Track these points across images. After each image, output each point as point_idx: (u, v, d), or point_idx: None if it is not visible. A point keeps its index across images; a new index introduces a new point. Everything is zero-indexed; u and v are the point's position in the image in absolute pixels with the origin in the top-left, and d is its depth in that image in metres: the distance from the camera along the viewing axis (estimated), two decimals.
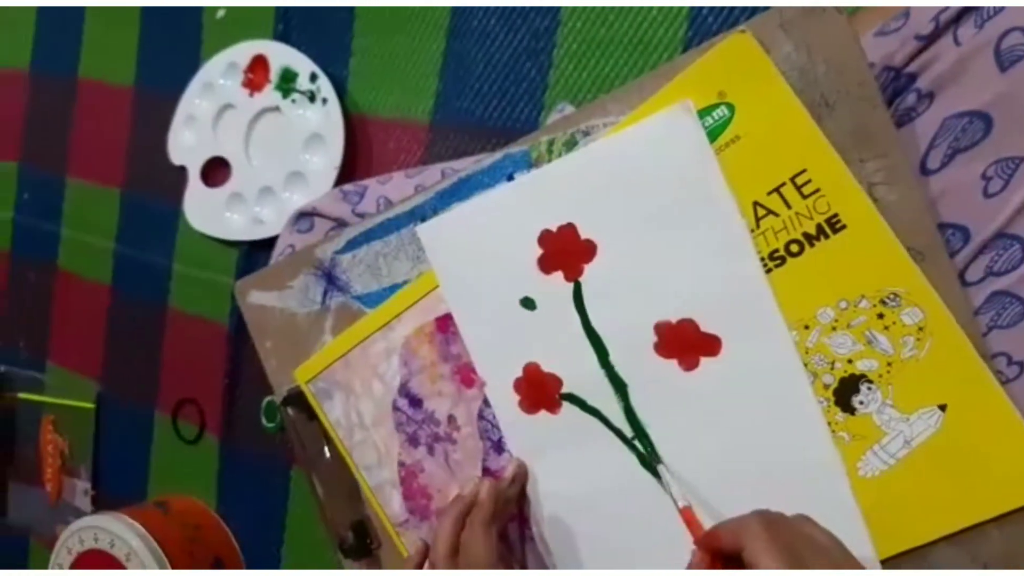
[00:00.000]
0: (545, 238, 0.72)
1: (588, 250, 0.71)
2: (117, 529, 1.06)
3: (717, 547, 0.52)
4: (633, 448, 0.71)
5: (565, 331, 0.72)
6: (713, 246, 0.66)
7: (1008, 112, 0.59)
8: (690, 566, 0.54)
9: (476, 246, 0.76)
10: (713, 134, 0.65)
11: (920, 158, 0.62)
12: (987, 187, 0.60)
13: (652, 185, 0.68)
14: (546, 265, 0.73)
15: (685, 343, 0.68)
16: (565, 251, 0.72)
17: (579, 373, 0.72)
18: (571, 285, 0.72)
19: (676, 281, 0.68)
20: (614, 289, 0.70)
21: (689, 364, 0.68)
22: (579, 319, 0.72)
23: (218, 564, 1.11)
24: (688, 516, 0.61)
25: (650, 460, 0.70)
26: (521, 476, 0.76)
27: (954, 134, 0.61)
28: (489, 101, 0.90)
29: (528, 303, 0.74)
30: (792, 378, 0.64)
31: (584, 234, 0.71)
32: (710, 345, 0.67)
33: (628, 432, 0.71)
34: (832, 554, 0.50)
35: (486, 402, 0.78)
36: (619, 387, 0.71)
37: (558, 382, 0.74)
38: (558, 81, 0.86)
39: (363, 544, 0.87)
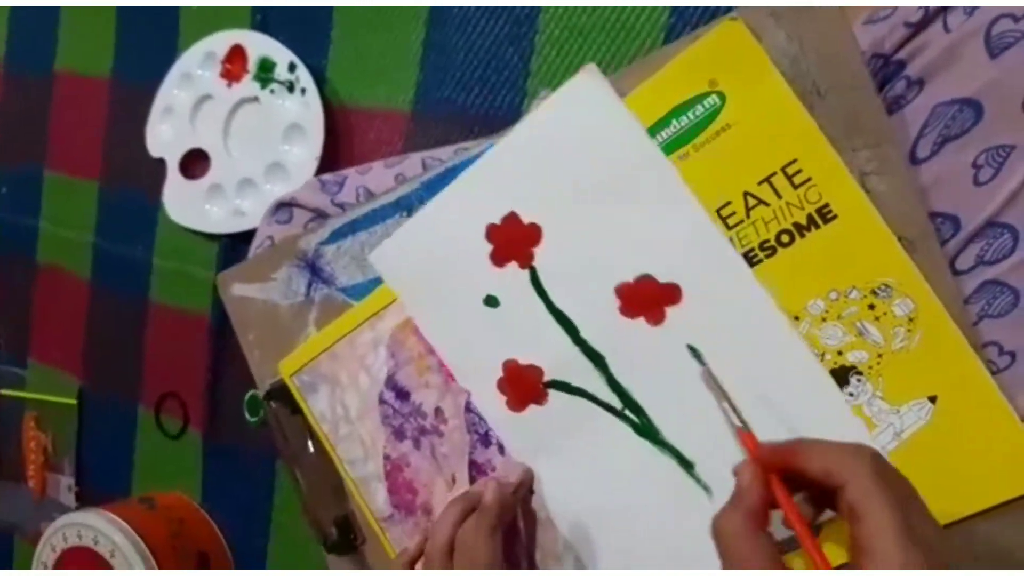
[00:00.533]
0: (492, 232, 0.73)
1: (534, 234, 0.71)
2: (100, 525, 1.05)
3: (793, 468, 0.48)
4: (626, 419, 0.70)
5: (533, 319, 0.72)
6: (650, 198, 0.66)
7: (998, 99, 0.58)
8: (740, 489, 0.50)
9: (428, 258, 0.76)
10: (703, 122, 0.65)
11: (910, 146, 0.61)
12: (977, 175, 0.59)
13: (577, 154, 0.68)
14: (498, 259, 0.73)
15: (647, 298, 0.68)
16: (513, 240, 0.72)
17: (556, 356, 0.72)
18: (527, 272, 0.72)
19: (624, 241, 0.68)
20: (568, 265, 0.70)
21: (656, 318, 0.68)
22: (542, 303, 0.71)
23: (203, 558, 1.10)
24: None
25: (645, 428, 0.69)
26: (527, 482, 0.74)
27: (944, 122, 0.60)
28: (471, 89, 0.88)
29: (491, 301, 0.74)
30: (758, 305, 0.64)
31: (527, 219, 0.71)
32: (671, 294, 0.67)
33: (617, 404, 0.70)
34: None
35: None
36: (597, 360, 0.70)
37: (539, 372, 0.73)
38: (540, 68, 0.85)
39: (347, 540, 0.86)
